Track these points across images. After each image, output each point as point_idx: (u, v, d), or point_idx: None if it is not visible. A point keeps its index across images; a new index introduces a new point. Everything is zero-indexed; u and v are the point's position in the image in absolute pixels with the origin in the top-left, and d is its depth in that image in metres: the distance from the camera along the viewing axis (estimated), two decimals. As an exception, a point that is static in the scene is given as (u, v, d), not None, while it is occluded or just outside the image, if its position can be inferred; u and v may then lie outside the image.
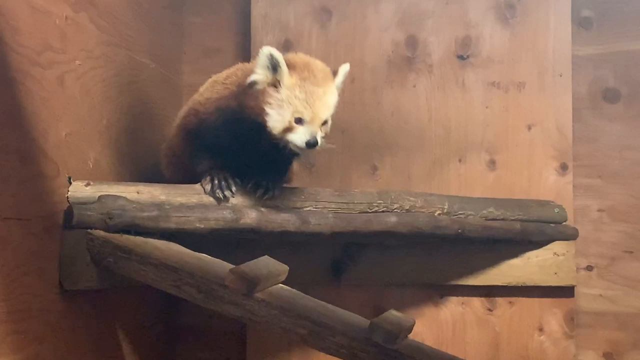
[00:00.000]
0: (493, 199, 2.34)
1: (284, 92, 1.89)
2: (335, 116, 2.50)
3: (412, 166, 2.50)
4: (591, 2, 2.51)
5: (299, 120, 1.89)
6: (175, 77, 2.64)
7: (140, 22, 2.30)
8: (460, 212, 2.24)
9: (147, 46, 2.35)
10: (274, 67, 1.89)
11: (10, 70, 1.64)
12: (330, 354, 1.85)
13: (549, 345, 2.41)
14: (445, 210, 2.21)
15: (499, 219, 2.30)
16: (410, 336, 1.82)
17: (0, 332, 1.58)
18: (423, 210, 2.19)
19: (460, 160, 2.49)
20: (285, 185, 2.18)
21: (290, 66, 1.92)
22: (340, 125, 2.48)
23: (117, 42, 2.14)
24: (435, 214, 2.20)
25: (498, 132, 2.49)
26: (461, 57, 2.52)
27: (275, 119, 1.89)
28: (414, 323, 1.80)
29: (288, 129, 1.90)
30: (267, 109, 1.90)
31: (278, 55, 1.89)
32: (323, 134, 1.92)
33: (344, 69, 2.01)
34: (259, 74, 1.91)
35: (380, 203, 2.14)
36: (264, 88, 1.91)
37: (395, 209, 2.15)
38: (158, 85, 2.48)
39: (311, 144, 1.88)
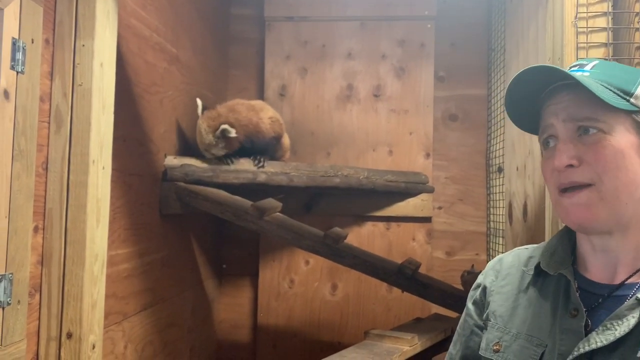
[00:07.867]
0: (391, 171, 2.35)
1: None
2: (306, 126, 2.49)
3: (348, 153, 2.49)
4: (444, 68, 2.50)
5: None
6: (222, 102, 2.61)
7: (204, 71, 2.27)
8: (373, 177, 2.25)
9: (207, 84, 2.33)
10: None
11: (134, 96, 1.64)
12: (304, 249, 1.89)
13: (418, 248, 2.44)
14: (365, 176, 2.22)
15: (393, 181, 2.31)
16: (345, 241, 1.86)
17: (128, 235, 1.60)
18: (354, 175, 2.20)
19: (374, 150, 2.49)
20: (282, 161, 2.18)
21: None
22: (311, 131, 2.50)
23: (191, 82, 2.13)
24: (360, 178, 2.21)
25: (394, 136, 2.48)
26: (375, 96, 2.51)
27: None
28: (347, 234, 1.85)
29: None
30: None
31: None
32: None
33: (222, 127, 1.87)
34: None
35: (331, 171, 2.16)
36: None
37: (338, 174, 2.16)
38: (213, 107, 2.44)
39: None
